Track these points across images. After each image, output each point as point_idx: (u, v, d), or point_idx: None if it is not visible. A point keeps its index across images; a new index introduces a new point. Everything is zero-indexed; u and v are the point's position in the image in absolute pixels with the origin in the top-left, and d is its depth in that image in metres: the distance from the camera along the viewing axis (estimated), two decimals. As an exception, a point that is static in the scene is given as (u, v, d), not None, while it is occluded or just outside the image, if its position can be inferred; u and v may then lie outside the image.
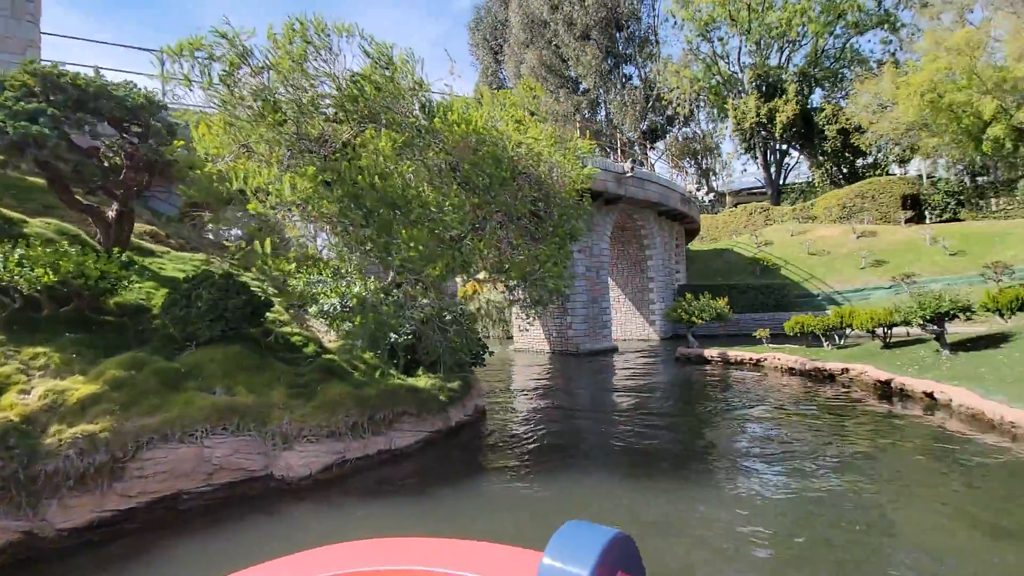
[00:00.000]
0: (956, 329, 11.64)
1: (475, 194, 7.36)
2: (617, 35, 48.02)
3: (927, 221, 32.68)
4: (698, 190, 24.03)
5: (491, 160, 7.00)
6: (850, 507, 5.10)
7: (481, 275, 8.61)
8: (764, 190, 48.78)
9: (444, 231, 7.11)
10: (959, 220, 31.93)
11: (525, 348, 21.79)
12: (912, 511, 5.05)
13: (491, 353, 11.07)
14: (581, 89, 50.06)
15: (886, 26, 42.12)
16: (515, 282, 8.75)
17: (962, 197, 34.81)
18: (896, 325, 11.12)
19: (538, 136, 8.46)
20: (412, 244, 5.98)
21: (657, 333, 24.05)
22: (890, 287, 24.46)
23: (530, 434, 8.49)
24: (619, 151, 20.81)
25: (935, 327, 9.98)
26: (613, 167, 19.26)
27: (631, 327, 25.11)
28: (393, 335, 8.15)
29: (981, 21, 30.98)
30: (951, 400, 8.25)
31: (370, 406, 6.76)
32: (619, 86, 47.90)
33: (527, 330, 21.65)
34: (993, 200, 32.69)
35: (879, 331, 11.60)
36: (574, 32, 45.75)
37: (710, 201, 49.61)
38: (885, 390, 10.12)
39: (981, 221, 29.81)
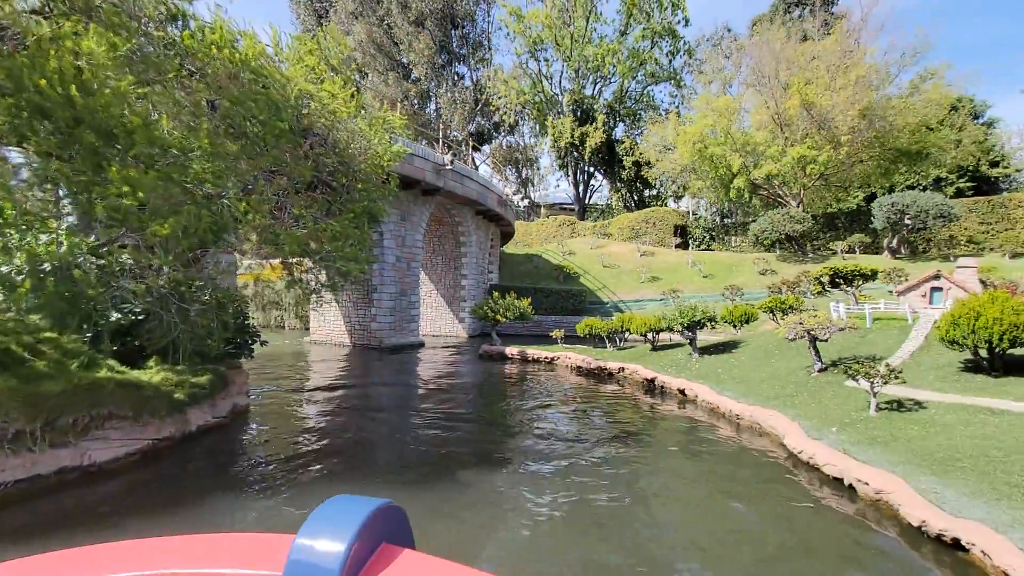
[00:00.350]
0: (704, 337, 13.80)
1: (244, 144, 5.95)
2: (452, 32, 48.10)
3: (690, 248, 39.54)
4: (515, 194, 24.96)
5: (265, 105, 5.71)
6: (621, 483, 5.68)
7: (247, 246, 7.10)
8: (573, 206, 53.79)
9: (196, 184, 5.57)
10: (711, 250, 39.27)
11: (324, 340, 19.84)
12: (668, 481, 5.90)
13: (264, 343, 9.43)
14: (412, 77, 48.81)
15: (673, 82, 50.06)
16: (293, 259, 7.45)
17: (714, 232, 43.23)
18: (662, 330, 12.71)
19: (335, 92, 7.33)
20: (128, 189, 4.42)
21: (466, 330, 24.23)
22: (661, 299, 28.72)
23: (307, 440, 7.27)
24: (441, 142, 20.34)
25: (690, 334, 11.60)
26: (433, 157, 18.71)
27: (441, 323, 24.87)
28: (116, 314, 6.20)
29: (737, 94, 38.69)
30: (697, 396, 9.56)
31: (50, 407, 4.88)
32: (451, 83, 47.96)
33: (325, 320, 19.75)
34: (734, 237, 41.15)
35: (650, 335, 13.14)
36: (408, 15, 44.33)
37: (525, 208, 52.86)
38: (651, 386, 11.41)
39: (725, 252, 37.03)
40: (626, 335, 14.87)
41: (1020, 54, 66.19)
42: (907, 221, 27.35)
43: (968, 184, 38.99)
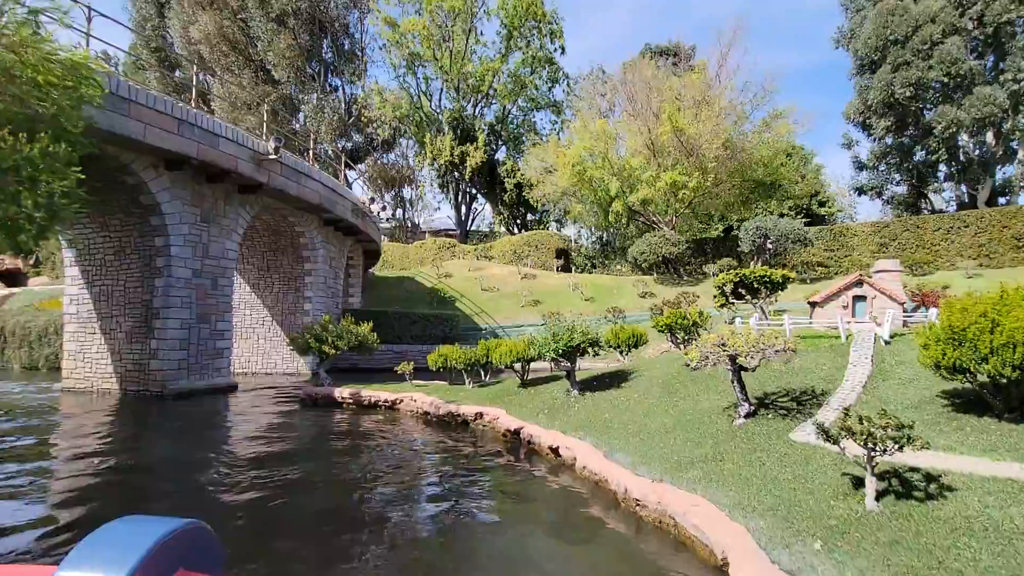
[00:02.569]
0: (587, 365, 10.90)
1: None
2: (323, 41, 43.30)
3: (572, 272, 38.19)
4: (373, 203, 20.92)
5: None
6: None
7: None
8: (455, 231, 50.76)
9: None
10: (592, 273, 38.23)
11: (81, 387, 13.88)
12: None
13: None
14: (277, 81, 42.96)
15: (553, 110, 49.88)
16: None
17: (594, 259, 42.70)
18: (533, 359, 9.50)
19: None
20: None
21: (309, 366, 19.33)
22: (542, 324, 26.18)
23: None
24: (266, 127, 15.63)
25: (566, 363, 8.48)
26: (250, 142, 14.19)
27: (277, 358, 19.68)
28: None
29: (615, 120, 38.78)
30: (576, 459, 6.30)
31: None
32: (320, 91, 42.87)
33: (85, 359, 13.88)
34: (613, 262, 40.74)
35: (517, 366, 9.86)
36: (268, 11, 38.87)
37: (406, 231, 48.64)
38: (515, 441, 8.01)
39: (606, 276, 36.03)
40: (491, 365, 11.49)
41: (828, 119, 77.81)
42: (769, 245, 28.10)
43: (803, 220, 42.63)
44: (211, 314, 14.17)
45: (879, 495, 3.63)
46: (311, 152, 19.41)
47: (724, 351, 5.25)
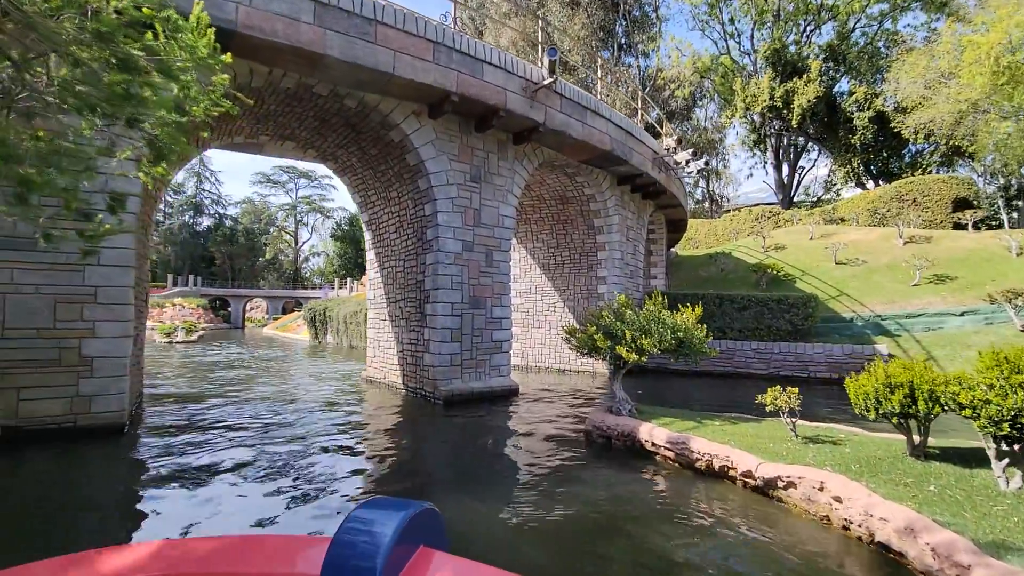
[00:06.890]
0: None
1: None
2: (616, 20, 39.00)
3: (981, 229, 23.14)
4: (676, 146, 14.67)
5: None
6: None
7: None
8: (774, 200, 39.32)
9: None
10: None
11: (376, 378, 12.64)
12: None
13: None
14: (574, 67, 41.20)
15: (927, 5, 32.62)
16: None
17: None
18: None
19: None
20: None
21: (607, 362, 14.78)
22: (964, 313, 15.03)
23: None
24: (541, 48, 11.14)
25: None
26: (516, 67, 10.16)
27: (570, 352, 15.82)
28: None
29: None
30: None
31: None
32: (613, 64, 38.83)
33: (380, 347, 12.52)
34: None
35: None
36: (561, -1, 36.94)
37: (698, 202, 40.18)
38: None
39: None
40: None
41: None
42: None
43: None
44: (486, 296, 10.82)
45: None
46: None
47: None
